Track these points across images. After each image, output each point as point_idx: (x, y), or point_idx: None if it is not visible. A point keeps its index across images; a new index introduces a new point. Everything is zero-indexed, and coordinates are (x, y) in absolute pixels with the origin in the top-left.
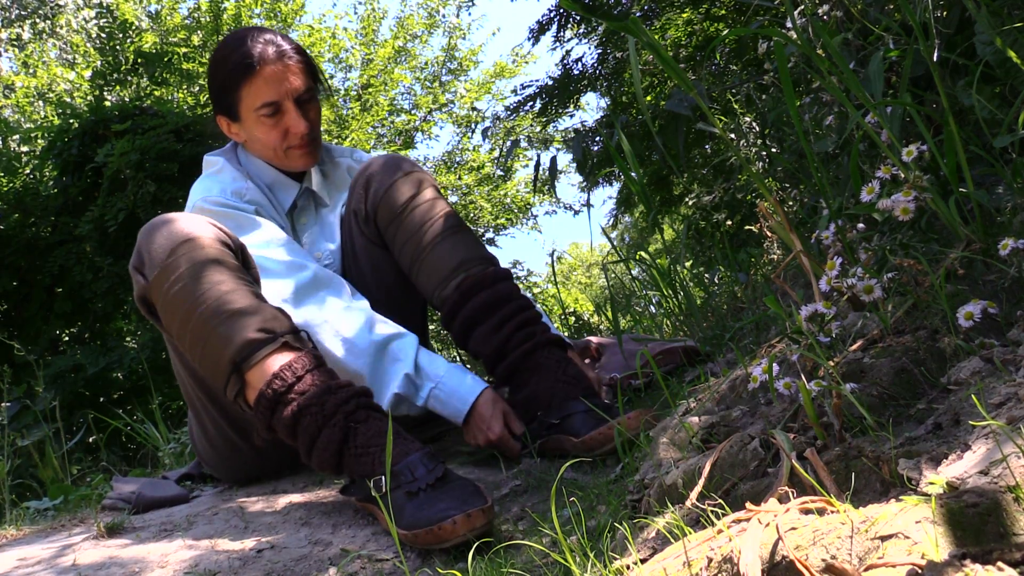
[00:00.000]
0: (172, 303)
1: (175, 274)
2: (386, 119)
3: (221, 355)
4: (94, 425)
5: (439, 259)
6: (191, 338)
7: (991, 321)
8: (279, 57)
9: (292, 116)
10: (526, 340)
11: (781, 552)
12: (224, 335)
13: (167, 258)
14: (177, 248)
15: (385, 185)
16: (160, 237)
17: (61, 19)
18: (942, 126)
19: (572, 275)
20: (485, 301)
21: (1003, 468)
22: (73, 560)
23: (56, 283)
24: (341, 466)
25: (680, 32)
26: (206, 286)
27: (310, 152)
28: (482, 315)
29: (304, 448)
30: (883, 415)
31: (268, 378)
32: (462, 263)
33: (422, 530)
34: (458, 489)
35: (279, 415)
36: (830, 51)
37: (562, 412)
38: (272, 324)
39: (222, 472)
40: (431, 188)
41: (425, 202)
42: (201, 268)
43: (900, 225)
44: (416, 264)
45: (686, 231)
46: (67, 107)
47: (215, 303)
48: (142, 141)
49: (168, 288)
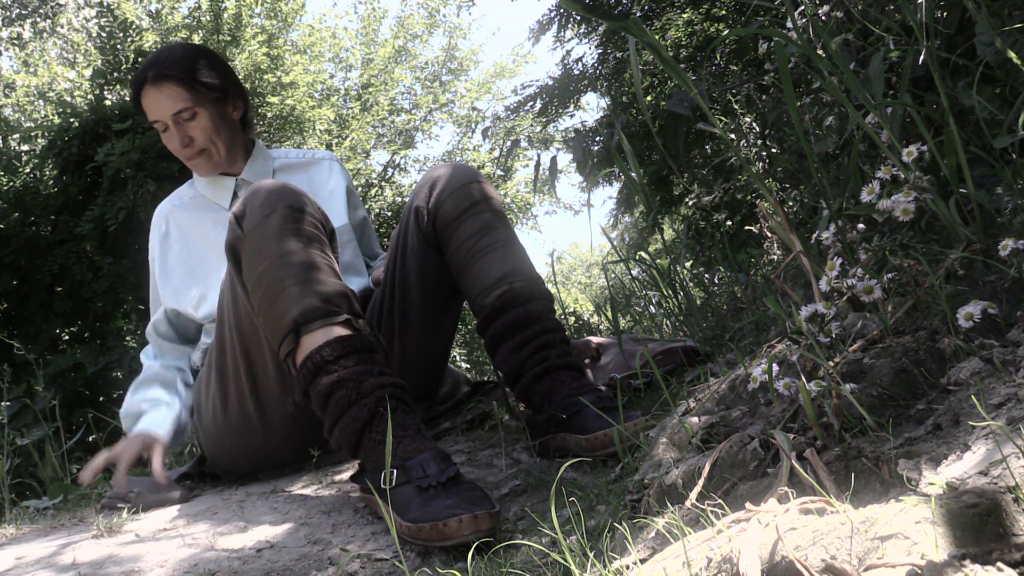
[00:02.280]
0: (259, 253)
1: (270, 230)
2: (386, 118)
3: (287, 312)
4: (94, 424)
5: (487, 267)
6: (264, 290)
7: (991, 322)
8: (156, 80)
9: (170, 135)
10: (539, 363)
11: (781, 552)
12: (296, 295)
13: (269, 215)
14: (280, 209)
15: (451, 188)
16: (267, 195)
17: (62, 18)
18: (942, 127)
19: (572, 275)
20: (514, 319)
21: (1003, 468)
22: (73, 559)
23: (56, 282)
24: (359, 448)
25: (680, 32)
26: (294, 248)
27: (205, 162)
28: (508, 333)
29: (331, 420)
30: (883, 415)
31: (320, 344)
32: (507, 276)
33: (427, 525)
34: (467, 491)
35: (319, 381)
36: (830, 51)
37: (570, 408)
38: (340, 300)
39: (225, 457)
40: (494, 201)
41: (486, 212)
42: (294, 232)
43: (900, 225)
44: (465, 268)
45: (686, 231)
46: (67, 106)
47: (297, 265)
48: (142, 140)
49: (260, 240)
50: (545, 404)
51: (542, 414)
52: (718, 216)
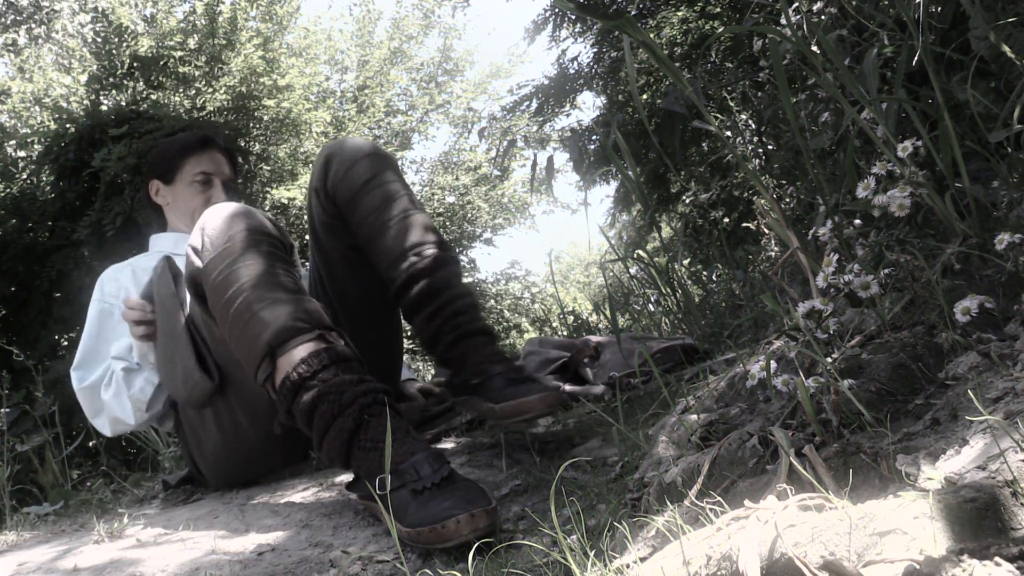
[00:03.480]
0: (222, 285)
1: (229, 259)
2: (383, 120)
3: (259, 337)
4: (93, 430)
5: (391, 241)
6: (232, 319)
7: (988, 316)
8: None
9: (217, 192)
10: (452, 331)
11: (780, 549)
12: (264, 319)
13: (224, 243)
14: (237, 234)
15: (346, 165)
16: (221, 223)
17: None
18: (937, 121)
19: (570, 274)
20: (424, 290)
21: (1000, 463)
22: (74, 564)
23: (54, 288)
24: (350, 458)
25: (675, 30)
26: (255, 272)
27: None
28: (420, 304)
29: (318, 436)
30: (881, 411)
31: (296, 363)
32: (412, 247)
33: (425, 528)
34: (463, 490)
35: (300, 399)
36: (825, 48)
37: (482, 375)
38: (310, 316)
39: (217, 470)
40: (390, 171)
41: (383, 184)
42: (252, 256)
43: (896, 221)
44: (370, 244)
45: (683, 229)
46: (63, 112)
47: (261, 289)
48: (139, 145)
49: (220, 271)
50: (460, 368)
51: (458, 377)
52: (715, 213)
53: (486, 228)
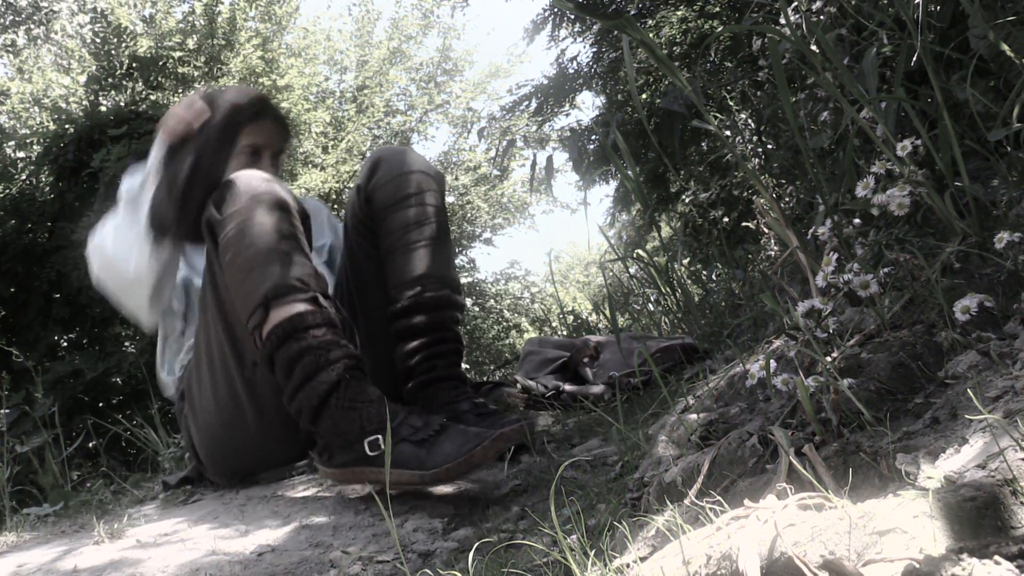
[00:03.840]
0: (236, 237)
1: (247, 216)
2: (382, 120)
3: (258, 288)
4: (93, 430)
5: (407, 264)
6: (238, 267)
7: (988, 315)
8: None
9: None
10: (427, 372)
11: (779, 549)
12: (267, 272)
13: (247, 202)
14: (259, 196)
15: (393, 174)
16: (247, 182)
17: (56, 24)
18: (937, 121)
19: (570, 274)
20: (418, 324)
21: (1000, 462)
22: (74, 565)
23: (54, 288)
24: (321, 414)
25: (675, 30)
26: (269, 231)
27: None
28: (410, 335)
29: (295, 384)
30: (881, 410)
31: (288, 316)
32: (422, 278)
33: (452, 461)
34: (469, 430)
35: (286, 347)
36: (824, 47)
37: (451, 413)
38: (310, 280)
39: (220, 455)
40: (433, 193)
41: (418, 205)
42: (269, 218)
43: (896, 220)
44: (388, 258)
45: (683, 228)
46: (62, 112)
47: (271, 247)
48: (138, 145)
49: (238, 223)
50: (428, 408)
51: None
52: (715, 213)
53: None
